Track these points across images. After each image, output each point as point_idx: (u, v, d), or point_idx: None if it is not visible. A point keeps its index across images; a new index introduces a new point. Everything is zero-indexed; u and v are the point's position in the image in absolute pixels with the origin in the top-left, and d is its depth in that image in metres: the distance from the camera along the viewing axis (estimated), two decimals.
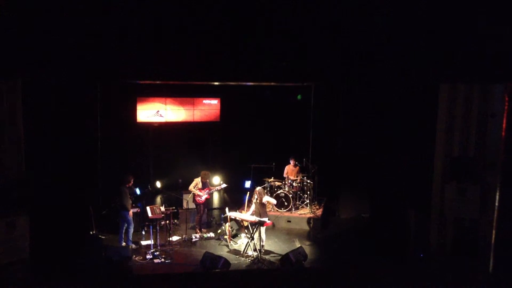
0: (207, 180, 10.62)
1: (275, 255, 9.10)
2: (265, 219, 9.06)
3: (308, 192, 11.60)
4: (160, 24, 4.00)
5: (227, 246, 9.57)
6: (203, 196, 10.32)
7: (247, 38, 4.06)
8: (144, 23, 3.88)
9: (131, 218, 9.43)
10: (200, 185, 10.37)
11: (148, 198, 11.51)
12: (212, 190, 10.65)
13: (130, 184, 9.51)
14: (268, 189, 11.71)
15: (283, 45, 4.23)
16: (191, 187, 10.45)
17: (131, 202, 9.47)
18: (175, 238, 9.98)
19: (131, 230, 9.47)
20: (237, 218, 9.78)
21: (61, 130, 7.81)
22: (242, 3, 4.00)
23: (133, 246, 9.37)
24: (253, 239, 9.00)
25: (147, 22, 3.89)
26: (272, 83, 10.65)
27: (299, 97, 14.28)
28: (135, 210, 9.69)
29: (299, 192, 11.74)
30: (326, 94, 13.13)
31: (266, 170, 12.41)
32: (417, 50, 3.99)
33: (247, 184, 11.97)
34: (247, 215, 9.33)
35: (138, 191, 10.64)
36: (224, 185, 10.94)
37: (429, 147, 8.82)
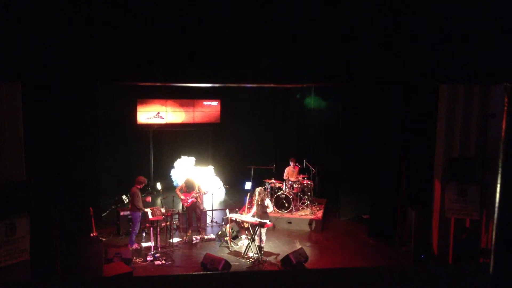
0: (193, 185, 10.45)
1: (276, 256, 9.11)
2: (266, 221, 9.06)
3: (309, 193, 11.59)
4: (160, 25, 4.01)
5: (228, 247, 9.56)
6: (189, 199, 10.25)
7: (246, 38, 4.06)
8: (144, 23, 3.88)
9: (139, 221, 9.45)
10: (184, 189, 10.38)
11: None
12: (195, 195, 10.29)
13: (142, 186, 9.59)
14: (269, 190, 11.71)
15: (283, 45, 4.23)
16: (177, 190, 10.50)
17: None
18: (175, 239, 9.97)
19: (136, 231, 9.51)
20: (237, 220, 9.78)
21: (61, 131, 7.81)
22: (242, 4, 4.01)
23: (136, 247, 9.39)
24: (253, 240, 8.99)
25: (147, 22, 3.89)
26: (272, 85, 10.64)
27: (298, 96, 14.34)
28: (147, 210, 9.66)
29: (299, 194, 11.73)
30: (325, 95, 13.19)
31: (266, 172, 12.42)
32: (417, 50, 4.00)
33: (247, 185, 11.99)
34: (247, 217, 9.33)
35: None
36: (206, 191, 10.70)
37: (429, 147, 8.82)
